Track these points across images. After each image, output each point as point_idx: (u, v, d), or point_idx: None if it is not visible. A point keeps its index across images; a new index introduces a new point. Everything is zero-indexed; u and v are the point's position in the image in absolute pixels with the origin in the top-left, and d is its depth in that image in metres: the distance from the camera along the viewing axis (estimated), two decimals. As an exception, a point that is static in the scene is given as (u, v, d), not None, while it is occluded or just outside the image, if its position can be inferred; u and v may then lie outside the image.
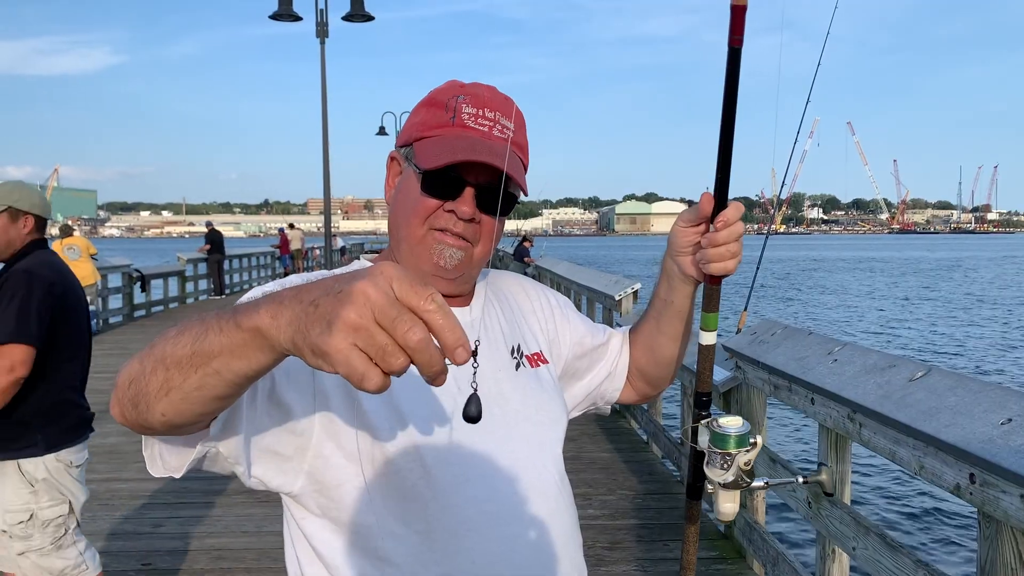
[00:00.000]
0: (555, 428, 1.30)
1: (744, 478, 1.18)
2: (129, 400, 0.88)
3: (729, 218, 1.20)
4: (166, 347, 0.85)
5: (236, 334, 0.78)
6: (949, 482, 2.36)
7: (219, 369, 0.81)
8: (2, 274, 2.84)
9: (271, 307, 0.76)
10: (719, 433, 1.17)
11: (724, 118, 1.15)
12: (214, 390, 0.83)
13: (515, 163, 1.22)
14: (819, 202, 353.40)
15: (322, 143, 15.17)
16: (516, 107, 1.27)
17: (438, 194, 1.19)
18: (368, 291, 0.69)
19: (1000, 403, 2.29)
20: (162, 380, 0.84)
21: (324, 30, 14.66)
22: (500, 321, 1.33)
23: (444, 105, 1.22)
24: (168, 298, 18.08)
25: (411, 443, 1.12)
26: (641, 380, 1.49)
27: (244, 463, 1.05)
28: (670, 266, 1.32)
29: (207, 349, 0.80)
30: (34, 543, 2.81)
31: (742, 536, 4.34)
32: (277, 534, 4.64)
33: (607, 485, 5.55)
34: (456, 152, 1.16)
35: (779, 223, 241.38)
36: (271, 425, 1.06)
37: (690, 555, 1.38)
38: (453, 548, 1.13)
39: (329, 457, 1.10)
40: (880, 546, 2.76)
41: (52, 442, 2.83)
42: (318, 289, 0.73)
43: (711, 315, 1.26)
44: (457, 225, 1.20)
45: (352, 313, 0.68)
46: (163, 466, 1.00)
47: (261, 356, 0.79)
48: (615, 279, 8.45)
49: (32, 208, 2.92)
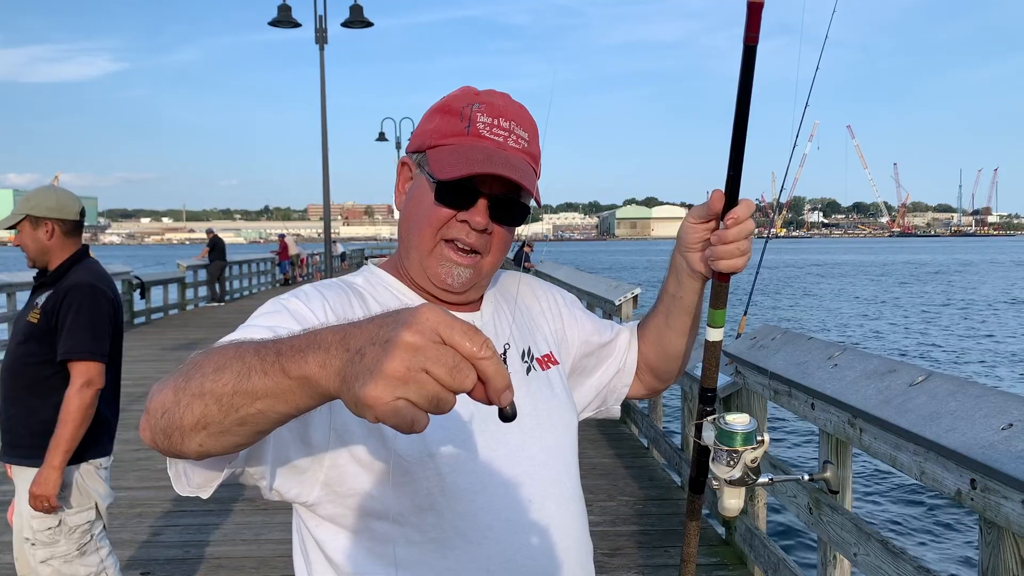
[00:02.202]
0: (567, 432, 1.31)
1: (750, 475, 1.18)
2: (161, 430, 0.87)
3: (740, 215, 1.19)
4: (204, 382, 0.83)
5: (283, 380, 0.78)
6: (950, 488, 2.35)
7: (263, 410, 0.81)
8: (55, 283, 2.83)
9: (319, 355, 0.75)
10: (725, 430, 1.18)
11: (737, 115, 1.14)
12: (257, 426, 0.83)
13: (529, 174, 1.21)
14: (819, 205, 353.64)
15: (321, 149, 15.18)
16: (529, 115, 1.27)
17: (452, 204, 1.19)
18: (415, 341, 0.69)
19: (1001, 408, 2.27)
20: (199, 415, 0.83)
21: (323, 36, 14.68)
22: (510, 325, 1.33)
23: (459, 113, 1.21)
24: (168, 305, 18.07)
25: (425, 451, 1.12)
26: (649, 374, 1.49)
27: (268, 478, 1.06)
28: (679, 262, 1.32)
29: (251, 390, 0.80)
30: (59, 549, 2.80)
31: (743, 542, 4.32)
32: (276, 542, 4.64)
33: (608, 491, 5.53)
34: (473, 164, 1.15)
35: (780, 227, 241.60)
36: (291, 440, 1.06)
37: (691, 548, 1.38)
38: (468, 556, 1.13)
39: (344, 466, 1.10)
40: (882, 552, 2.74)
41: (85, 451, 2.84)
42: (364, 335, 0.73)
43: (718, 312, 1.26)
44: (470, 235, 1.19)
45: (400, 364, 0.69)
46: (188, 484, 1.00)
47: (308, 401, 0.79)
48: (615, 284, 8.46)
49: (49, 213, 2.86)
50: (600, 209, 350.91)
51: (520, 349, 1.31)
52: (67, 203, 2.90)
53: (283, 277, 28.06)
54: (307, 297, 1.16)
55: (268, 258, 27.42)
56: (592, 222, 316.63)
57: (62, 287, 2.79)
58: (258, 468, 1.03)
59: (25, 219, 2.85)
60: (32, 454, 2.78)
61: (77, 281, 2.81)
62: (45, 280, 2.87)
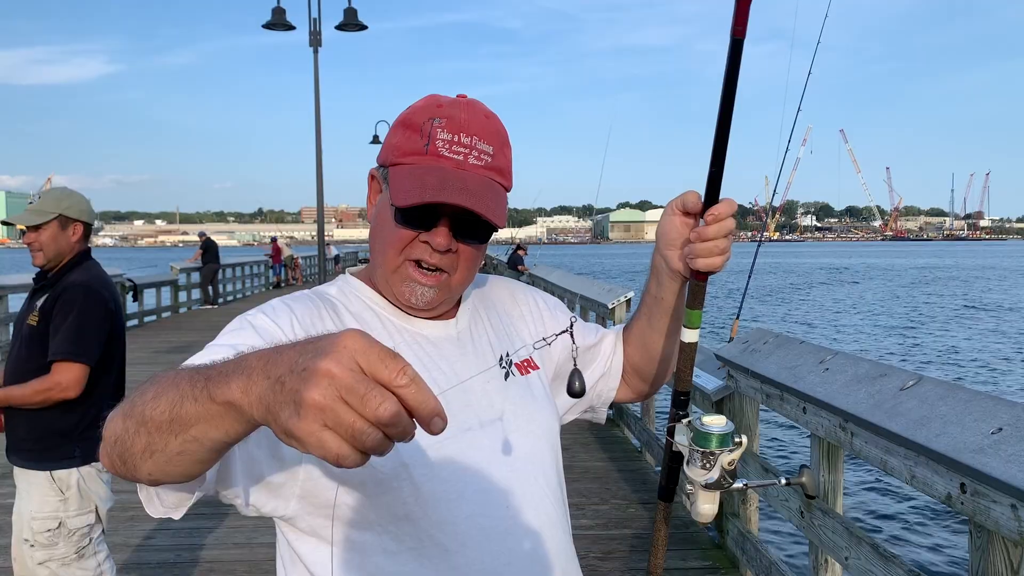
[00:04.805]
0: (547, 437, 1.29)
1: (727, 478, 1.14)
2: (117, 456, 0.88)
3: (720, 213, 1.18)
4: (145, 409, 0.84)
5: (210, 406, 0.77)
6: (940, 492, 2.36)
7: (197, 436, 0.80)
8: (54, 284, 2.83)
9: (241, 381, 0.74)
10: (701, 431, 1.14)
11: (722, 110, 1.13)
12: (195, 455, 0.83)
13: (492, 191, 1.18)
14: (812, 209, 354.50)
15: (315, 152, 15.17)
16: (498, 124, 1.23)
17: (412, 224, 1.17)
18: (331, 369, 0.67)
19: (991, 412, 2.28)
20: (145, 443, 0.84)
21: (317, 39, 14.68)
22: (487, 330, 1.32)
23: (419, 129, 1.18)
24: (160, 307, 18.02)
25: (399, 461, 1.11)
26: (637, 378, 1.47)
27: (242, 496, 1.06)
28: (659, 262, 1.31)
29: (184, 417, 0.79)
30: (58, 552, 2.80)
31: (735, 546, 4.33)
32: (268, 546, 4.63)
33: (600, 495, 5.54)
34: (425, 191, 1.12)
35: (772, 230, 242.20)
36: (262, 457, 1.05)
37: (658, 559, 1.34)
38: (446, 564, 1.12)
39: (319, 479, 1.10)
40: (872, 556, 2.75)
41: (89, 455, 2.84)
42: (284, 363, 0.71)
43: (695, 312, 1.24)
44: (433, 256, 1.18)
45: (316, 394, 0.66)
46: (161, 505, 1.00)
47: (237, 427, 0.78)
48: (608, 287, 8.46)
49: (81, 215, 2.91)
50: (594, 212, 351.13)
51: (498, 355, 1.30)
52: (90, 207, 2.99)
53: (275, 280, 27.97)
54: (274, 312, 1.15)
55: (261, 261, 27.35)
56: (586, 225, 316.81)
57: (58, 288, 2.80)
58: (230, 490, 1.04)
59: (56, 219, 2.85)
60: (35, 457, 2.79)
61: (73, 282, 2.81)
62: (46, 282, 2.87)
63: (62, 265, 2.87)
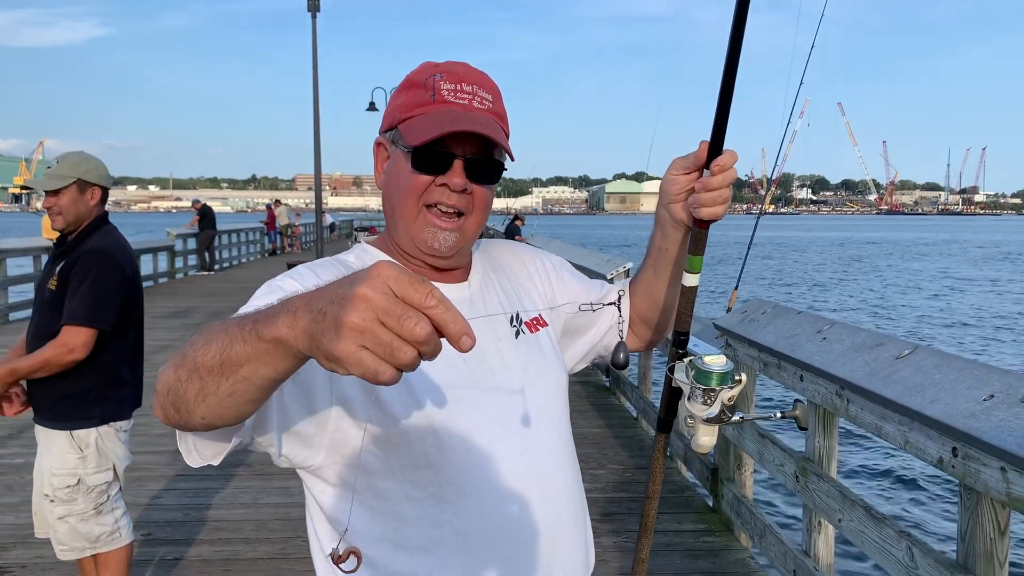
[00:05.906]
0: (558, 392, 1.38)
1: (727, 412, 1.23)
2: (171, 404, 0.95)
3: (725, 163, 1.25)
4: (196, 356, 0.90)
5: (259, 344, 0.84)
6: (932, 456, 2.45)
7: (248, 376, 0.87)
8: (73, 249, 2.88)
9: (287, 318, 0.81)
10: (703, 370, 1.22)
11: (727, 66, 1.18)
12: (246, 395, 0.90)
13: (498, 130, 1.26)
14: (808, 182, 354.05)
15: (313, 119, 15.08)
16: (490, 79, 1.32)
17: (429, 169, 1.24)
18: (368, 294, 0.73)
19: (983, 380, 2.37)
20: (198, 388, 0.90)
21: (316, 4, 14.54)
22: (498, 292, 1.40)
23: (423, 85, 1.26)
24: (157, 273, 18.01)
25: (421, 412, 1.19)
26: (644, 326, 1.55)
27: (276, 445, 1.12)
28: (663, 214, 1.38)
29: (234, 358, 0.86)
30: (76, 507, 2.89)
31: (730, 509, 4.44)
32: (274, 506, 4.73)
33: (598, 460, 5.65)
34: (443, 125, 1.20)
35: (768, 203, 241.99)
36: (295, 407, 1.12)
37: (656, 484, 1.45)
38: (464, 507, 1.21)
39: (347, 430, 1.17)
40: (865, 518, 2.85)
41: (107, 415, 2.92)
42: (324, 297, 0.78)
43: (696, 258, 1.32)
44: (451, 197, 1.25)
45: (355, 317, 0.73)
46: (200, 456, 1.06)
47: (285, 363, 0.85)
48: (607, 258, 8.53)
49: (99, 180, 2.96)
50: (590, 183, 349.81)
51: (509, 315, 1.37)
52: (107, 172, 3.03)
53: (271, 247, 27.81)
54: (300, 276, 1.22)
55: (257, 228, 27.26)
56: (582, 196, 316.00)
57: (76, 253, 2.85)
58: (265, 436, 1.10)
59: (75, 183, 2.89)
60: (56, 417, 2.86)
61: (91, 247, 2.86)
62: (66, 247, 2.91)
63: (81, 229, 2.92)
